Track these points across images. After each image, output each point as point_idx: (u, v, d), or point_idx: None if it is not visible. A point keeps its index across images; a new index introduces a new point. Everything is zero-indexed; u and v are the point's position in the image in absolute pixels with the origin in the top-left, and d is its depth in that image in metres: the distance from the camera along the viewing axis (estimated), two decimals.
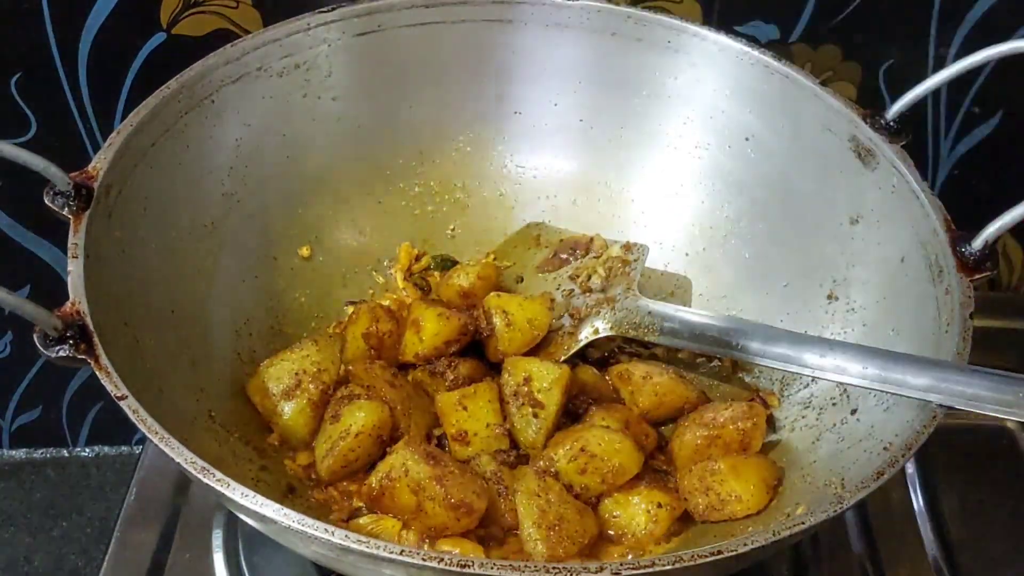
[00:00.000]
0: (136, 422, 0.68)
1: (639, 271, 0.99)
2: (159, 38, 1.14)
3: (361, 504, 0.85)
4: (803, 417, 0.91)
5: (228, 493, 0.65)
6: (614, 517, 0.85)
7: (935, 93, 1.17)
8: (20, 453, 1.56)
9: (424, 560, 0.62)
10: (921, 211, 0.86)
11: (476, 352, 0.97)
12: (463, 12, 1.02)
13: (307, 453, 0.89)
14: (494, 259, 1.07)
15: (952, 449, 1.10)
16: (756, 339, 0.88)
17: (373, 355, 0.95)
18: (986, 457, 1.11)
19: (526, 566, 0.62)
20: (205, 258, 0.93)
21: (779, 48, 1.16)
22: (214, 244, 0.94)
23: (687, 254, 1.06)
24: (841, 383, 0.86)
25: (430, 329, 0.93)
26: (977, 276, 0.81)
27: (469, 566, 0.62)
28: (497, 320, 0.94)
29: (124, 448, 1.58)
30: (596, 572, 0.62)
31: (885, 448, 0.75)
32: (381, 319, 0.96)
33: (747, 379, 0.98)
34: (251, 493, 0.65)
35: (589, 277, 1.00)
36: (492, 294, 0.96)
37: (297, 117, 1.00)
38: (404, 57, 1.02)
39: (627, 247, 1.01)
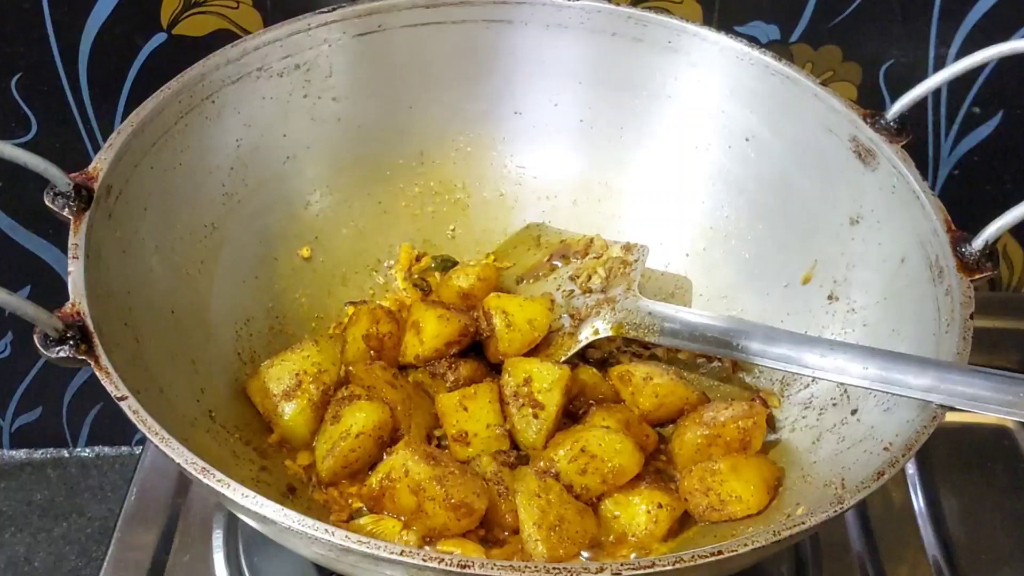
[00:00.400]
0: (136, 423, 0.68)
1: (639, 271, 0.99)
2: (159, 38, 1.14)
3: (361, 505, 0.85)
4: (803, 417, 0.91)
5: (228, 493, 0.65)
6: (614, 517, 0.85)
7: (935, 93, 1.17)
8: (20, 453, 1.56)
9: (424, 561, 0.62)
10: (921, 211, 0.86)
11: (476, 353, 0.97)
12: (463, 12, 1.02)
13: (307, 453, 0.89)
14: (494, 260, 1.07)
15: (952, 449, 1.10)
16: (756, 339, 0.88)
17: (373, 356, 0.95)
18: (986, 457, 1.11)
19: (526, 566, 0.62)
20: (205, 258, 0.93)
21: (779, 48, 1.16)
22: (214, 244, 0.94)
23: (687, 254, 1.06)
24: (842, 383, 0.86)
25: (430, 331, 0.93)
26: (977, 276, 0.81)
27: (469, 567, 0.62)
28: (497, 321, 0.94)
29: (124, 448, 1.58)
30: (596, 572, 0.62)
31: (885, 448, 0.75)
32: (381, 320, 0.96)
33: (747, 379, 0.98)
34: (251, 493, 0.65)
35: (589, 278, 1.00)
36: (492, 294, 0.96)
37: (297, 117, 1.00)
38: (404, 57, 1.02)
39: (627, 247, 1.01)
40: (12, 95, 1.17)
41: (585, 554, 0.83)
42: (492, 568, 0.62)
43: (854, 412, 0.85)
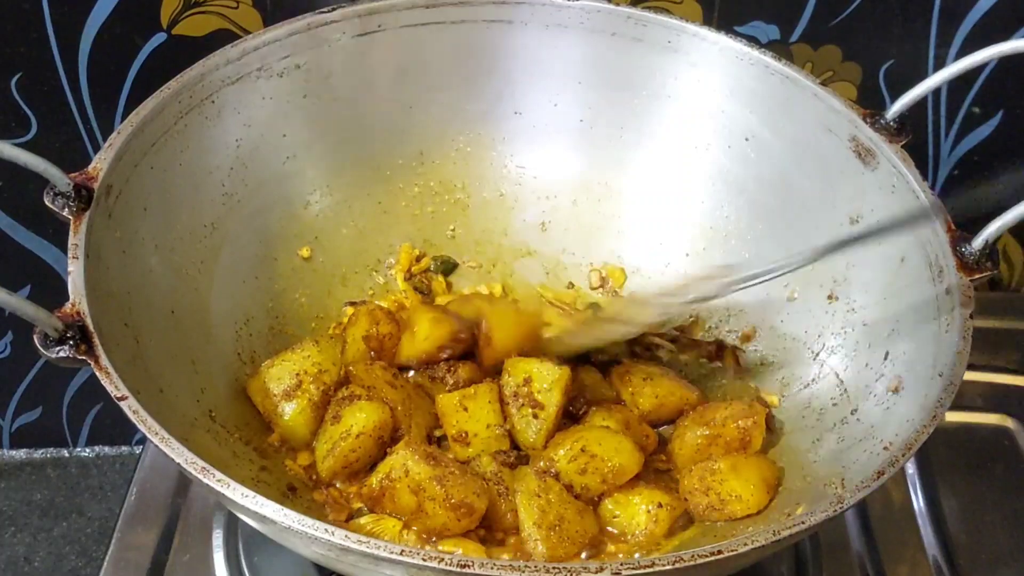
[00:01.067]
0: (136, 422, 0.68)
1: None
2: (159, 38, 1.14)
3: (361, 504, 0.85)
4: (803, 417, 0.91)
5: (228, 493, 0.65)
6: (614, 517, 0.85)
7: (935, 93, 1.17)
8: (20, 453, 1.56)
9: (424, 560, 0.62)
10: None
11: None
12: (463, 12, 1.02)
13: (307, 453, 0.89)
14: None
15: (952, 449, 1.10)
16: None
17: (373, 357, 0.95)
18: (986, 457, 1.11)
19: (526, 566, 0.62)
20: (205, 258, 0.93)
21: (779, 48, 1.16)
22: (214, 244, 0.94)
23: (687, 254, 1.06)
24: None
25: (422, 332, 0.93)
26: (977, 276, 0.81)
27: (469, 566, 0.62)
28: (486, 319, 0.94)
29: (124, 448, 1.58)
30: (596, 572, 0.62)
31: (885, 448, 0.75)
32: (381, 321, 0.96)
33: (747, 379, 0.99)
34: (251, 493, 0.65)
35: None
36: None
37: (297, 117, 1.00)
38: (404, 57, 1.02)
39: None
40: (12, 95, 1.17)
41: (585, 554, 0.83)
42: (492, 568, 0.62)
43: (854, 412, 0.85)
